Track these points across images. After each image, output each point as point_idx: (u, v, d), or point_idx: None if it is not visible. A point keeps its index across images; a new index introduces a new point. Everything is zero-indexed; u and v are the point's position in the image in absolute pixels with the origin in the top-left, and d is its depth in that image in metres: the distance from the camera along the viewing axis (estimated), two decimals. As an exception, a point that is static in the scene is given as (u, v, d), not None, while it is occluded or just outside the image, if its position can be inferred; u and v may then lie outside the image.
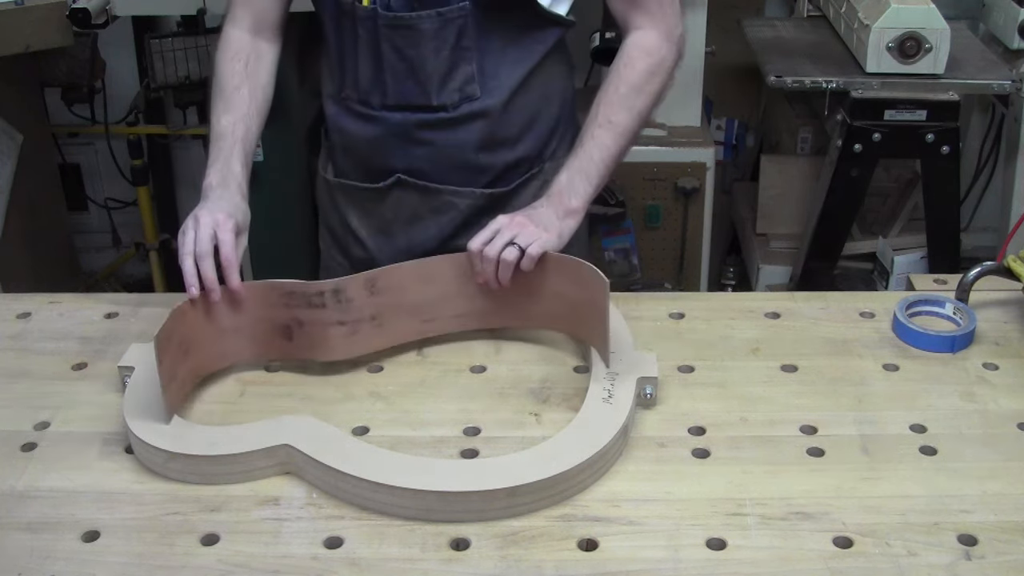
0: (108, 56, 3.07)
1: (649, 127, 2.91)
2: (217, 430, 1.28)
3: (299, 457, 1.22)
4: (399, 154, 1.63)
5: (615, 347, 1.39)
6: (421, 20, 1.51)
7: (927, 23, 2.49)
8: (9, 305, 1.61)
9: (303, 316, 1.41)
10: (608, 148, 1.51)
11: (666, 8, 1.54)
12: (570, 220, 1.49)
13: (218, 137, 1.55)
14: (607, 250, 2.94)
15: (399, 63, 1.55)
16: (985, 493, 1.20)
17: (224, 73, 1.59)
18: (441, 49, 1.53)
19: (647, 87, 1.54)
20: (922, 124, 2.56)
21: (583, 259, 1.43)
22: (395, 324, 1.46)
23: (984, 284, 1.55)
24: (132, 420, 1.27)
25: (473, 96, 1.57)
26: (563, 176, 1.52)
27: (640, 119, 1.54)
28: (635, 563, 1.11)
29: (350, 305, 1.42)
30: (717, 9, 2.91)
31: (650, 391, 1.35)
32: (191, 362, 1.38)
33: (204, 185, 1.51)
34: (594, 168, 1.51)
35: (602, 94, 1.54)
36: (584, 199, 1.51)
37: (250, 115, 1.58)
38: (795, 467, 1.25)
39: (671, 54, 1.55)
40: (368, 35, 1.55)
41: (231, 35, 1.62)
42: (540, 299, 1.47)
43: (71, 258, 3.37)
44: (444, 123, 1.59)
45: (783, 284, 2.93)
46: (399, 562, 1.12)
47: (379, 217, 1.70)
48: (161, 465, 1.24)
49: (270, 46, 1.65)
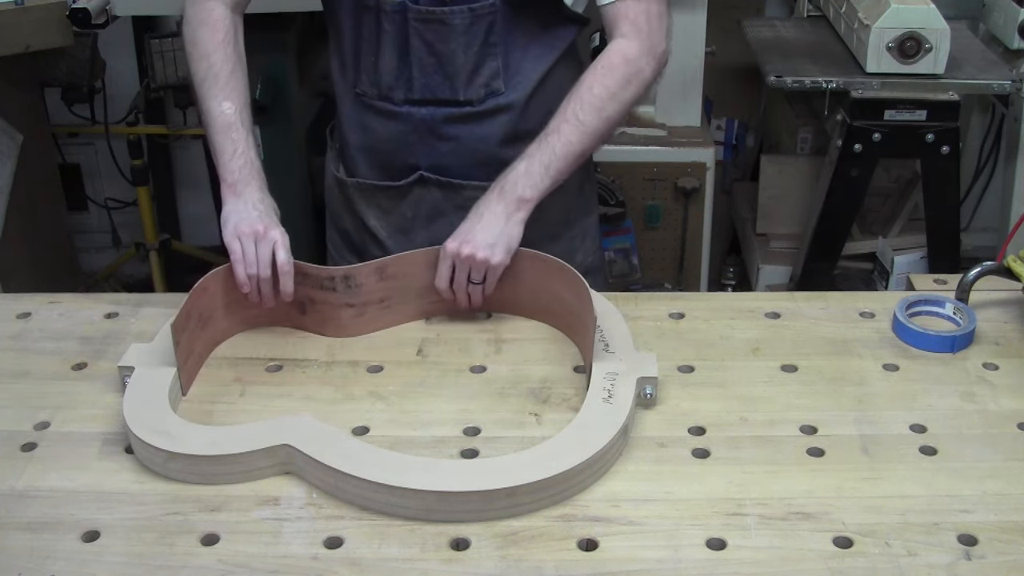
0: (108, 56, 3.07)
1: (649, 127, 2.92)
2: (217, 430, 1.28)
3: (299, 457, 1.22)
4: (423, 150, 1.63)
5: (615, 347, 1.39)
6: (453, 15, 1.52)
7: (927, 23, 2.50)
8: (9, 305, 1.61)
9: (315, 296, 1.49)
10: (571, 145, 1.51)
11: (654, 24, 1.55)
12: (520, 213, 1.49)
13: (227, 126, 1.53)
14: (607, 250, 2.93)
15: (428, 57, 1.56)
16: (985, 493, 1.20)
17: (213, 52, 1.55)
18: (471, 44, 1.54)
19: (621, 94, 1.53)
20: (922, 124, 2.56)
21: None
22: (402, 306, 1.53)
23: (984, 284, 1.55)
24: (132, 420, 1.27)
25: (498, 91, 1.59)
26: (521, 164, 1.51)
27: (608, 125, 1.54)
28: (635, 563, 1.11)
29: (360, 290, 1.49)
30: (717, 9, 2.91)
31: (650, 391, 1.35)
32: (209, 332, 1.45)
33: (228, 180, 1.51)
34: (555, 162, 1.51)
35: (575, 91, 1.54)
36: (539, 191, 1.50)
37: (247, 101, 1.57)
38: (795, 467, 1.25)
39: (650, 68, 1.55)
40: (395, 29, 1.54)
41: (214, 10, 1.57)
42: (536, 294, 1.52)
43: (71, 258, 3.37)
44: (470, 117, 1.60)
45: (783, 284, 2.93)
46: (399, 562, 1.12)
47: (399, 216, 1.69)
48: (161, 465, 1.24)
49: (241, 23, 1.62)
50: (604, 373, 1.35)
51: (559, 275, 1.49)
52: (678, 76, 2.88)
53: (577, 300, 1.46)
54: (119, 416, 1.32)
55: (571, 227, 1.73)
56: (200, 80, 1.56)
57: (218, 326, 1.48)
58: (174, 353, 1.35)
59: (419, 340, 1.50)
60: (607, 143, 1.59)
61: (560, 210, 1.69)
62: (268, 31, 2.68)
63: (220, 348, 1.48)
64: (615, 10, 1.55)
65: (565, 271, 1.48)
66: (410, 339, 1.50)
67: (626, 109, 1.55)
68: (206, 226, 3.65)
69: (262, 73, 2.75)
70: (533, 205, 1.50)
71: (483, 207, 1.50)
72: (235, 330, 1.51)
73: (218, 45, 1.56)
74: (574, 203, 1.73)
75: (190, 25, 1.58)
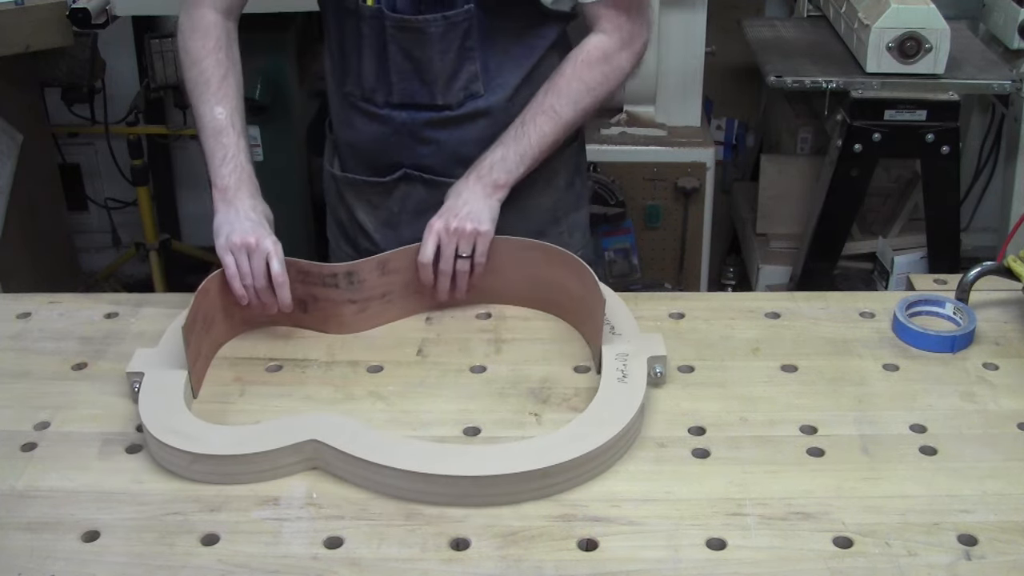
0: (108, 56, 3.07)
1: (649, 127, 2.92)
2: (241, 429, 1.29)
3: (327, 452, 1.22)
4: (405, 151, 1.64)
5: (621, 330, 1.42)
6: (428, 23, 1.52)
7: (927, 23, 2.50)
8: (9, 305, 1.61)
9: (318, 293, 1.49)
10: (546, 136, 1.56)
11: (635, 18, 1.57)
12: (496, 197, 1.55)
13: (218, 131, 1.53)
14: (607, 250, 2.94)
15: (405, 63, 1.56)
16: (985, 493, 1.20)
17: (204, 58, 1.55)
18: (447, 51, 1.54)
19: (599, 89, 1.57)
20: (922, 124, 2.56)
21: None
22: (404, 301, 1.54)
23: (984, 284, 1.55)
24: (152, 424, 1.26)
25: (477, 94, 1.59)
26: (497, 151, 1.56)
27: (583, 116, 1.59)
28: (635, 563, 1.11)
29: (362, 286, 1.49)
30: (717, 9, 2.91)
31: (660, 370, 1.37)
32: (213, 334, 1.46)
33: (219, 185, 1.51)
34: (529, 151, 1.55)
35: (554, 82, 1.56)
36: (513, 177, 1.55)
37: (240, 105, 1.57)
38: (795, 467, 1.25)
39: (629, 63, 1.59)
40: (373, 34, 1.55)
41: (205, 16, 1.56)
42: (538, 283, 1.54)
43: (71, 258, 3.37)
44: (449, 121, 1.60)
45: (783, 284, 2.93)
46: (399, 562, 1.12)
47: (386, 210, 1.70)
48: (185, 467, 1.23)
49: (235, 28, 1.62)
50: (615, 355, 1.37)
51: (560, 262, 1.50)
52: (678, 76, 2.89)
53: (581, 286, 1.46)
54: (119, 416, 1.32)
55: (559, 223, 1.73)
56: (192, 86, 1.56)
57: (221, 328, 1.48)
58: (185, 356, 1.35)
59: (419, 340, 1.50)
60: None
61: (548, 207, 1.71)
62: (268, 31, 2.69)
63: (220, 348, 1.48)
64: (597, 9, 1.55)
65: (567, 258, 1.49)
66: (410, 339, 1.50)
67: (601, 102, 1.59)
68: (206, 226, 3.60)
69: (262, 73, 2.75)
70: (507, 191, 1.56)
71: (461, 187, 1.56)
72: (237, 331, 1.51)
73: (209, 51, 1.55)
74: (562, 199, 1.74)
75: (183, 33, 1.58)
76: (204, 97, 1.54)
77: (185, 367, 1.35)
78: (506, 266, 1.55)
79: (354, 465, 1.21)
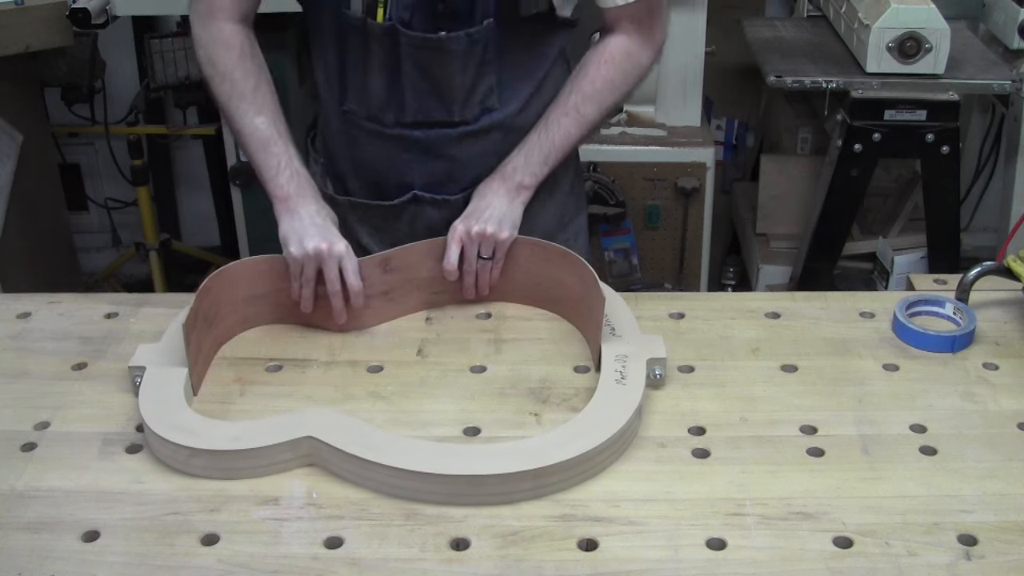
0: (108, 56, 3.07)
1: (649, 127, 2.92)
2: (239, 425, 1.29)
3: (324, 449, 1.23)
4: (417, 169, 1.61)
5: (621, 331, 1.42)
6: (450, 42, 1.49)
7: (927, 23, 2.50)
8: (9, 305, 1.61)
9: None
10: (570, 136, 1.57)
11: (655, 18, 1.57)
12: (521, 197, 1.55)
13: (265, 142, 1.51)
14: (607, 250, 2.94)
15: (422, 82, 1.52)
16: (985, 493, 1.20)
17: (232, 70, 1.52)
18: (468, 67, 1.52)
19: (622, 88, 1.58)
20: (922, 124, 2.56)
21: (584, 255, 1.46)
22: (406, 298, 1.55)
23: (984, 284, 1.55)
24: (151, 418, 1.27)
25: (492, 107, 1.57)
26: (521, 155, 1.56)
27: (605, 115, 1.60)
28: (635, 563, 1.11)
29: (364, 283, 1.49)
30: (717, 9, 2.91)
31: (659, 372, 1.37)
32: (215, 332, 1.45)
33: (279, 195, 1.49)
34: (553, 152, 1.56)
35: (576, 82, 1.56)
36: (537, 179, 1.56)
37: (279, 110, 1.54)
38: (795, 467, 1.25)
39: (649, 60, 1.60)
40: (385, 52, 1.50)
41: (224, 28, 1.53)
42: (538, 281, 1.55)
43: (71, 258, 3.37)
44: (465, 137, 1.58)
45: (783, 284, 2.94)
46: (399, 562, 1.12)
47: (393, 233, 1.66)
48: (184, 462, 1.24)
49: (252, 33, 1.59)
50: (614, 356, 1.37)
51: (560, 261, 1.51)
52: (678, 76, 2.88)
53: (581, 285, 1.47)
54: (119, 416, 1.32)
55: (565, 229, 1.73)
56: (226, 100, 1.53)
57: (222, 326, 1.48)
58: (185, 353, 1.35)
59: (419, 340, 1.50)
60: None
61: (555, 213, 1.70)
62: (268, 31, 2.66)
63: (221, 348, 1.48)
64: (619, 12, 1.55)
65: (567, 257, 1.50)
66: (410, 339, 1.50)
67: (622, 99, 1.61)
68: (206, 226, 3.66)
69: (262, 73, 2.74)
70: (531, 192, 1.56)
71: (485, 190, 1.56)
72: (239, 329, 1.51)
73: (235, 62, 1.52)
74: (567, 203, 1.73)
75: (204, 47, 1.54)
76: (241, 109, 1.52)
77: (186, 364, 1.35)
78: (507, 264, 1.55)
79: (352, 463, 1.21)
